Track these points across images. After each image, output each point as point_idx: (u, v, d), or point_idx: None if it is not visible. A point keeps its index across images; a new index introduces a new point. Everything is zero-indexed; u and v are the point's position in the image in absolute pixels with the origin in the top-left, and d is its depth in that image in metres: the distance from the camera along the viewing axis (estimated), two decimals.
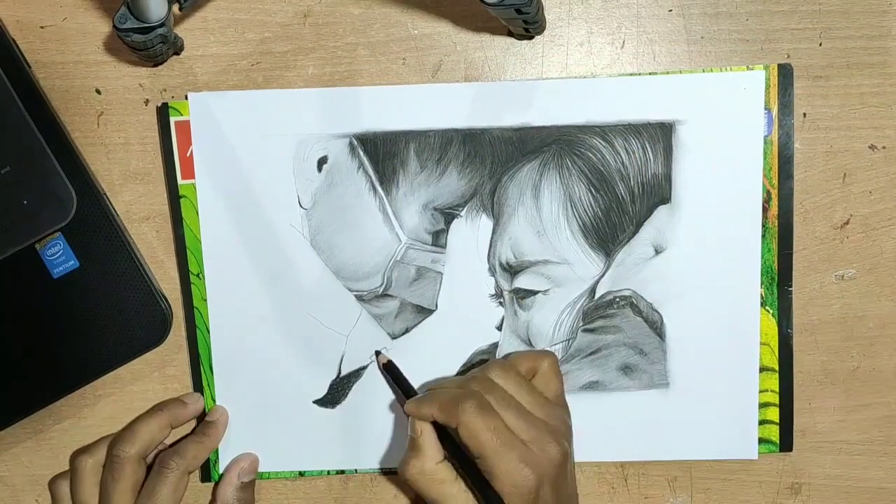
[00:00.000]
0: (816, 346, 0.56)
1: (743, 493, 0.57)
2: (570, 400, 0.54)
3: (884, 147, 0.55)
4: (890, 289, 0.56)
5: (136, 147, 0.56)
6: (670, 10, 0.55)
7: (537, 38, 0.55)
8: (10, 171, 0.52)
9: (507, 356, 0.54)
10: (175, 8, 0.50)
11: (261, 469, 0.56)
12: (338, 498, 0.57)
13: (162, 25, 0.49)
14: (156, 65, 0.55)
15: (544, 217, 0.55)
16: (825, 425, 0.56)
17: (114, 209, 0.55)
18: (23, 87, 0.53)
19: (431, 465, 0.50)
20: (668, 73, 0.54)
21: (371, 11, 0.55)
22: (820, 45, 0.54)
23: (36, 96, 0.53)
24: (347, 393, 0.56)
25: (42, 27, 0.55)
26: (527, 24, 0.52)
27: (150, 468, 0.53)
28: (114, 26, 0.48)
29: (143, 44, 0.50)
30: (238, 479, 0.55)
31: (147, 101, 0.55)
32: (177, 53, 0.55)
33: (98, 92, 0.55)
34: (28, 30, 0.55)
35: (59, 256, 0.54)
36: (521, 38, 0.55)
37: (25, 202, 0.52)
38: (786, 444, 0.56)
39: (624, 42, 0.55)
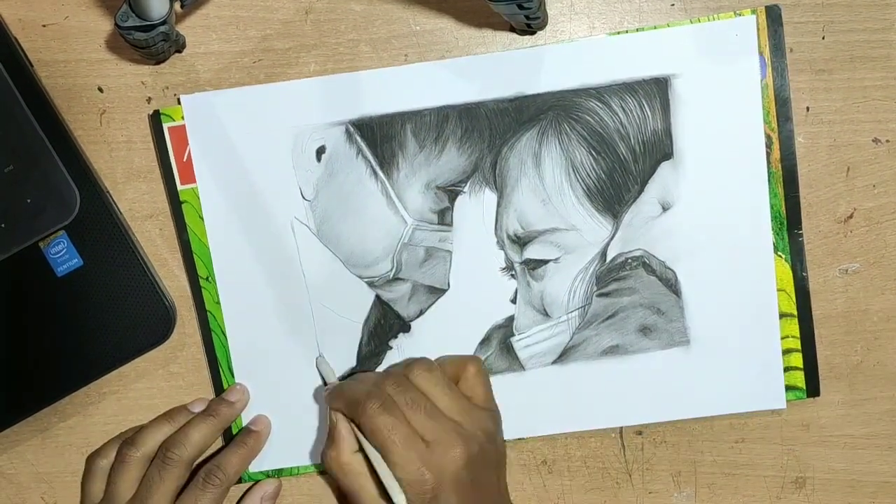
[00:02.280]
0: (820, 340, 0.56)
1: (748, 487, 0.57)
2: (592, 367, 0.54)
3: (887, 141, 0.55)
4: (894, 282, 0.56)
5: (138, 145, 0.56)
6: (672, 5, 0.55)
7: (539, 33, 0.55)
8: (14, 170, 0.52)
9: (437, 359, 0.54)
10: (177, 6, 0.50)
11: (290, 464, 0.57)
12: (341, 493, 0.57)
13: (164, 23, 0.49)
14: (158, 63, 0.55)
15: (548, 185, 0.54)
16: (829, 419, 0.56)
17: (117, 207, 0.55)
18: (25, 85, 0.53)
19: (346, 456, 0.50)
20: (656, 27, 0.54)
21: (373, 8, 0.55)
22: (823, 38, 0.54)
23: (38, 95, 0.53)
24: None
25: (44, 26, 0.55)
26: (529, 20, 0.52)
27: None
28: (115, 24, 0.48)
29: (145, 42, 0.50)
30: (260, 502, 0.55)
31: (149, 99, 0.55)
32: (179, 51, 0.55)
33: (100, 90, 0.55)
34: (30, 28, 0.55)
35: (62, 255, 0.54)
36: (522, 33, 0.55)
37: (29, 200, 0.52)
38: (812, 388, 0.55)
39: None
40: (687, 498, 0.57)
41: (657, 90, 0.54)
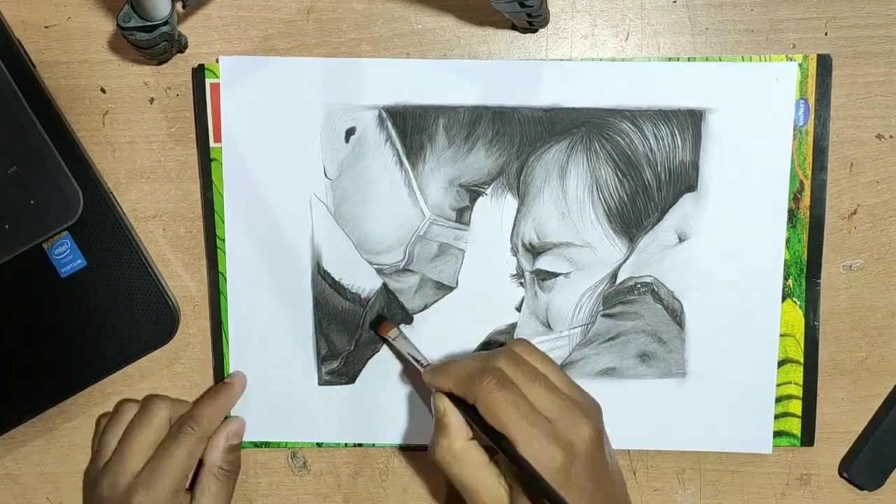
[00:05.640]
0: (824, 336, 0.56)
1: (752, 485, 0.57)
2: (586, 385, 0.53)
3: (891, 136, 0.55)
4: None
5: (141, 145, 0.56)
6: (674, 1, 0.54)
7: (541, 31, 0.55)
8: (17, 171, 0.52)
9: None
10: (178, 6, 0.50)
11: (279, 439, 0.57)
12: (347, 493, 0.57)
13: (166, 23, 0.49)
14: (160, 63, 0.55)
15: (569, 199, 0.55)
16: (834, 416, 0.56)
17: (120, 208, 0.55)
18: (28, 87, 0.53)
19: (461, 444, 0.47)
20: (704, 59, 0.54)
21: (374, 7, 0.55)
22: (825, 34, 0.54)
23: (41, 96, 0.53)
24: (362, 368, 0.56)
25: (46, 27, 0.55)
26: (530, 18, 0.52)
27: None
28: (118, 25, 0.48)
29: (147, 42, 0.50)
30: (226, 441, 0.54)
31: (152, 100, 0.55)
32: (181, 51, 0.55)
33: (103, 91, 0.56)
34: (33, 30, 0.55)
35: (66, 255, 0.54)
36: (524, 31, 0.55)
37: (32, 202, 0.52)
38: (807, 438, 0.56)
39: (628, 34, 0.55)
40: (691, 496, 0.57)
41: (691, 122, 0.54)
